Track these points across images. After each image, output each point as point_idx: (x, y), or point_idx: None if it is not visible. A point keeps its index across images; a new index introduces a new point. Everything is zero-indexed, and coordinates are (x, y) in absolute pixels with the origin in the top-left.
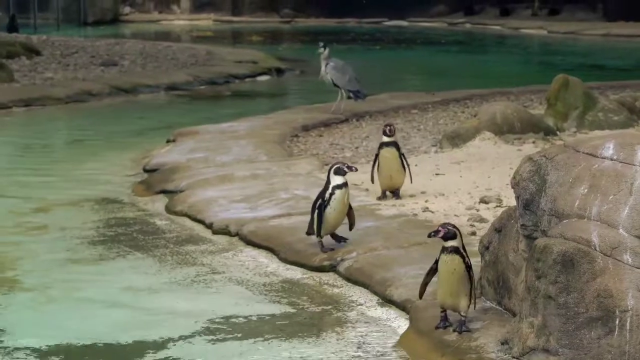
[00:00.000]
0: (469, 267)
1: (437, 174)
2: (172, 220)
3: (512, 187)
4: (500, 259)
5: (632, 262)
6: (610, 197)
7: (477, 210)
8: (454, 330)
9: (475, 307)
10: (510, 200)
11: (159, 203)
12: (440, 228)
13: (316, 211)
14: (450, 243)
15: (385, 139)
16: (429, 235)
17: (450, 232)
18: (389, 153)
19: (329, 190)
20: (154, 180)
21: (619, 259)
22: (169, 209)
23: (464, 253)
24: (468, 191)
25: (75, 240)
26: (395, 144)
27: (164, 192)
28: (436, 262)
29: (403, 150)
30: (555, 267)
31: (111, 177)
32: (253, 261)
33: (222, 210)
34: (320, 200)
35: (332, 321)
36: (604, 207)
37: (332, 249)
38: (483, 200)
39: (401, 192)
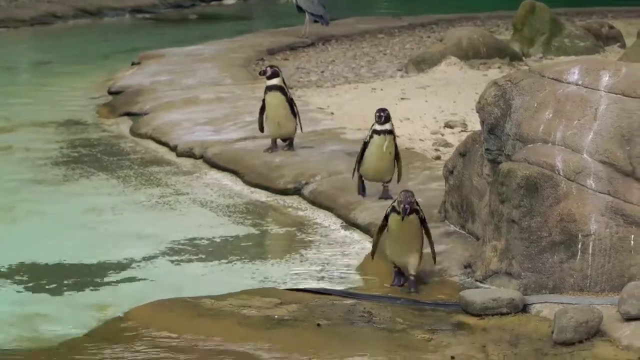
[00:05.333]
0: (423, 221)
1: (402, 99)
2: (136, 142)
3: (477, 112)
4: (464, 183)
5: (595, 186)
6: (575, 122)
7: (442, 135)
8: (408, 290)
9: (435, 261)
10: (475, 124)
11: (123, 125)
12: (407, 205)
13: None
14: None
15: (269, 82)
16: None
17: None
18: (274, 99)
19: (369, 133)
20: (119, 102)
21: (583, 183)
22: (134, 131)
23: (418, 207)
24: (433, 116)
25: (39, 161)
26: (280, 88)
27: (128, 114)
28: (385, 218)
29: (292, 95)
30: (519, 191)
31: (76, 99)
32: (217, 183)
33: (186, 133)
34: (363, 142)
35: (295, 243)
36: (569, 132)
37: (364, 196)
38: (448, 125)
39: (367, 116)
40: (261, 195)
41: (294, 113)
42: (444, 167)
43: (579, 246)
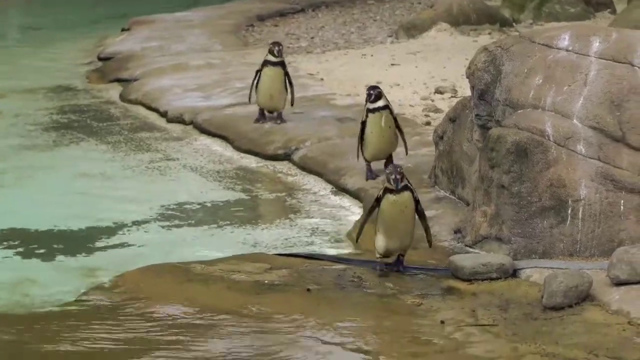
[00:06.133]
0: (417, 202)
1: (392, 65)
2: (126, 108)
3: (467, 78)
4: (454, 149)
5: (585, 152)
6: (565, 88)
7: (432, 101)
8: (396, 271)
9: (431, 244)
10: (465, 90)
11: (113, 91)
12: (397, 176)
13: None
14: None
15: (272, 58)
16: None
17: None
18: (272, 72)
19: (364, 113)
20: (109, 68)
21: (573, 149)
22: (124, 97)
23: (412, 187)
24: (423, 81)
25: (29, 127)
26: (282, 63)
27: (118, 80)
28: (377, 200)
29: (289, 69)
30: (509, 157)
31: (66, 65)
32: (207, 149)
33: (176, 99)
34: (361, 123)
35: (286, 208)
36: (559, 97)
37: (378, 176)
38: (438, 91)
39: (357, 81)
40: (251, 161)
41: (286, 88)
42: (434, 132)
43: (569, 211)
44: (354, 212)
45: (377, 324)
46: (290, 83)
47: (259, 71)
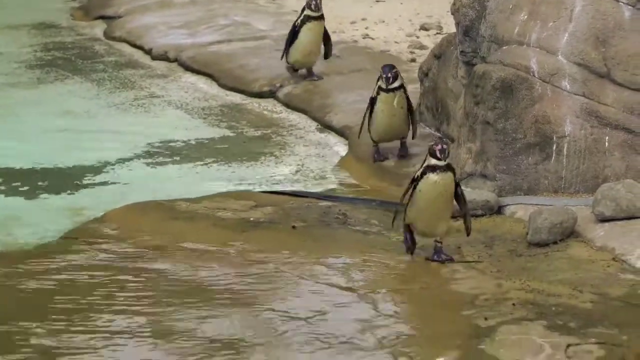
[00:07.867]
0: (457, 185)
1: (377, 1)
2: (110, 45)
3: (452, 14)
4: (439, 86)
5: (570, 88)
6: (550, 24)
7: (417, 37)
8: (430, 260)
9: (469, 232)
10: (450, 27)
11: (97, 28)
12: (444, 146)
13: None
14: (434, 161)
15: (312, 13)
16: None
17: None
18: (315, 26)
19: (375, 89)
20: (93, 5)
21: (558, 85)
22: (108, 34)
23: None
24: (408, 18)
25: (13, 65)
26: (322, 17)
27: (102, 17)
28: (414, 180)
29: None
30: (494, 93)
31: (49, 1)
32: (192, 86)
33: (161, 36)
34: (370, 99)
35: (271, 145)
36: (544, 33)
37: (387, 158)
38: (423, 27)
39: (342, 18)
40: (236, 98)
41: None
42: (419, 69)
43: (554, 148)
44: (339, 149)
45: (362, 260)
46: (328, 36)
47: (296, 27)
